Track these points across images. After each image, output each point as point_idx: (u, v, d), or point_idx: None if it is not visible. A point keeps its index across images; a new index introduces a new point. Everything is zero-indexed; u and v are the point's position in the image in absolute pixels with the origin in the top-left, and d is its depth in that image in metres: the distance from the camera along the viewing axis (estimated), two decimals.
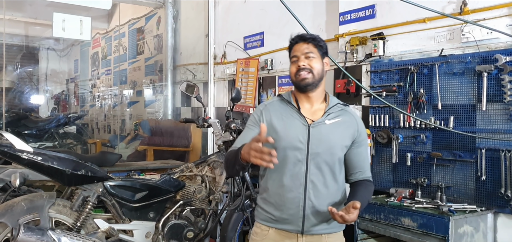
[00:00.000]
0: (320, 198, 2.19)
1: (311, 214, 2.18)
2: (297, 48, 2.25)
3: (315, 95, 2.27)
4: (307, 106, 2.28)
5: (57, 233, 3.07)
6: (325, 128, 2.22)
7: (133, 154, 6.57)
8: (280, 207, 2.21)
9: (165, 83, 6.93)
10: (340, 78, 4.03)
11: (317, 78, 2.23)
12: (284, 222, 2.22)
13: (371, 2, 3.81)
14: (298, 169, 2.19)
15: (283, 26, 4.79)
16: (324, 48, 2.28)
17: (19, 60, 8.75)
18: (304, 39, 2.25)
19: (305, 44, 2.23)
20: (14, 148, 3.18)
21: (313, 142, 2.19)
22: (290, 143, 2.19)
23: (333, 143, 2.21)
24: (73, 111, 9.14)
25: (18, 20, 8.15)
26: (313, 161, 2.19)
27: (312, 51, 2.23)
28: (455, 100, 3.20)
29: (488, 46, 3.04)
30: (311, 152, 2.18)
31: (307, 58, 2.22)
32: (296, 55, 2.24)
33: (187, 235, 3.63)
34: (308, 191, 2.18)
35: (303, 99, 2.28)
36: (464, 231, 2.86)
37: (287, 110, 2.27)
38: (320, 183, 2.20)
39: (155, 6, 7.12)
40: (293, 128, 2.21)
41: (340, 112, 2.28)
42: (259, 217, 2.32)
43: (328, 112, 2.25)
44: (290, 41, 2.30)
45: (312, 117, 2.25)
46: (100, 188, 3.42)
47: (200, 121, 3.94)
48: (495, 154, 2.98)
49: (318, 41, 2.26)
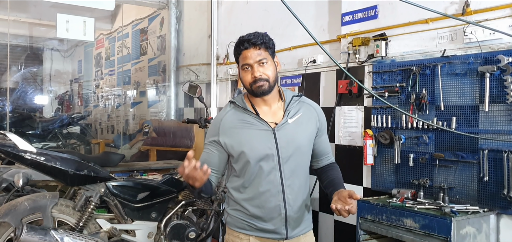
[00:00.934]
0: (297, 200, 2.17)
1: (292, 219, 2.15)
2: (247, 55, 2.13)
3: (271, 97, 2.19)
4: (265, 109, 2.19)
5: (59, 232, 3.09)
6: (289, 128, 2.15)
7: (136, 154, 6.58)
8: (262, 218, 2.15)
9: (168, 84, 6.94)
10: (342, 79, 4.03)
11: (273, 84, 2.15)
12: (267, 231, 2.16)
13: (373, 2, 3.81)
14: (273, 176, 2.12)
15: (285, 27, 4.79)
16: (273, 47, 2.19)
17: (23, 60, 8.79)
18: (255, 44, 2.14)
19: (256, 49, 2.13)
20: (18, 148, 3.20)
21: (281, 146, 2.12)
22: (260, 153, 2.11)
23: (301, 141, 2.16)
24: (76, 112, 9.17)
25: (22, 21, 8.19)
26: (286, 165, 2.13)
27: (265, 56, 2.13)
28: (457, 101, 3.20)
29: (490, 47, 3.03)
30: (282, 156, 2.12)
31: (261, 66, 2.12)
32: (248, 63, 2.13)
33: (189, 235, 3.64)
34: (286, 197, 2.13)
35: (259, 102, 2.19)
36: (467, 232, 2.86)
37: (245, 119, 2.16)
38: (296, 185, 2.16)
39: (159, 7, 7.13)
40: (258, 136, 2.12)
41: (298, 106, 2.22)
42: (235, 225, 2.22)
43: (287, 110, 2.18)
44: (238, 46, 2.17)
45: (273, 119, 2.17)
46: (102, 188, 3.43)
47: (203, 121, 3.95)
48: (498, 155, 2.98)
49: (267, 43, 2.16)
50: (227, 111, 2.23)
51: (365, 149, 3.69)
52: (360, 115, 3.90)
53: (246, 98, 2.23)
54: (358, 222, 3.32)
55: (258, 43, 2.14)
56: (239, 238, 2.21)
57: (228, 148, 2.16)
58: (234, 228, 2.23)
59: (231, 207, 2.25)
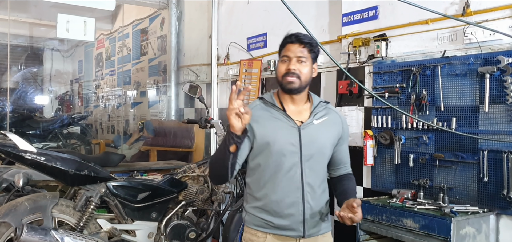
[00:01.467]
0: (316, 199, 2.18)
1: (309, 217, 2.16)
2: (291, 48, 2.18)
3: (300, 97, 2.23)
4: (292, 108, 2.23)
5: (60, 233, 3.09)
6: (314, 128, 2.19)
7: (136, 155, 6.59)
8: (279, 214, 2.16)
9: (169, 84, 6.94)
10: (343, 80, 4.04)
11: (304, 85, 2.18)
12: (284, 228, 2.17)
13: (373, 3, 3.81)
14: (293, 173, 2.15)
15: (286, 27, 4.76)
16: (317, 54, 2.23)
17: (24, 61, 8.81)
18: (301, 41, 2.18)
19: (301, 46, 2.17)
20: (18, 148, 3.20)
21: (305, 144, 2.15)
22: (282, 148, 2.14)
23: (323, 143, 2.19)
24: (77, 112, 9.18)
25: (23, 21, 8.20)
26: (307, 163, 2.15)
27: (306, 56, 2.17)
28: (457, 102, 3.20)
29: (490, 48, 3.03)
30: (304, 154, 2.15)
31: (299, 62, 2.16)
32: (288, 55, 2.18)
33: (190, 235, 3.64)
34: (305, 194, 2.15)
35: (287, 100, 2.23)
36: (466, 233, 2.86)
37: (272, 114, 2.20)
38: (316, 184, 2.18)
39: (159, 7, 7.14)
40: (283, 131, 2.16)
41: (325, 111, 2.26)
42: (252, 223, 2.22)
43: (314, 112, 2.22)
44: (286, 38, 2.22)
45: (299, 118, 2.20)
46: (103, 188, 3.44)
47: (203, 121, 3.95)
48: (498, 155, 2.98)
49: (313, 47, 2.19)
50: (256, 104, 2.27)
51: (365, 149, 3.70)
52: (360, 115, 3.90)
53: (276, 95, 2.27)
54: (358, 222, 3.33)
55: (304, 42, 2.18)
56: (256, 236, 2.22)
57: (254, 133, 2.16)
58: (251, 226, 2.24)
59: (249, 204, 2.26)
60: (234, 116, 1.92)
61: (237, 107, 1.89)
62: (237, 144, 1.99)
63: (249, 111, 1.94)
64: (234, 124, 1.93)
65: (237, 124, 1.93)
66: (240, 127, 1.94)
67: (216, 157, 2.12)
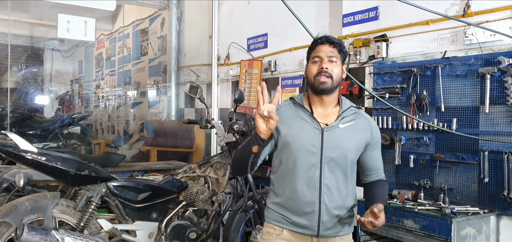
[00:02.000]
0: (334, 202, 2.18)
1: (326, 218, 2.17)
2: (321, 49, 2.19)
3: (330, 99, 2.23)
4: (320, 110, 2.24)
5: (60, 233, 3.09)
6: (339, 132, 2.18)
7: (136, 155, 6.59)
8: (296, 212, 2.19)
9: (169, 84, 6.95)
10: (343, 80, 4.03)
11: (335, 85, 2.20)
12: (300, 225, 2.20)
13: (374, 4, 3.81)
14: (312, 173, 2.16)
15: (286, 28, 4.80)
16: (346, 55, 2.26)
17: (24, 61, 8.81)
18: (331, 42, 2.20)
19: (331, 47, 2.19)
20: (19, 148, 3.20)
21: (326, 146, 2.15)
22: (303, 147, 2.16)
23: (346, 147, 2.18)
24: (77, 112, 9.18)
25: (23, 21, 8.20)
26: (327, 165, 2.16)
27: (336, 56, 2.18)
28: (458, 103, 3.20)
29: (491, 49, 3.03)
30: (325, 156, 2.15)
31: (330, 62, 2.17)
32: (319, 55, 2.19)
33: (190, 235, 3.64)
34: (323, 195, 2.16)
35: (316, 102, 2.24)
36: (467, 233, 2.86)
37: (299, 114, 2.23)
38: (334, 187, 2.18)
39: (159, 7, 7.14)
40: (306, 132, 2.18)
41: (353, 116, 2.25)
42: (271, 218, 2.29)
43: (341, 116, 2.22)
44: (316, 40, 2.24)
45: (325, 121, 2.21)
46: (103, 189, 3.43)
47: (204, 122, 3.94)
48: (498, 156, 2.98)
49: (343, 47, 2.22)
50: (285, 105, 2.31)
51: None
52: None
53: (305, 98, 2.29)
54: (358, 223, 3.32)
55: (334, 42, 2.20)
56: (273, 229, 2.27)
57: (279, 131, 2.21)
58: (270, 221, 2.29)
59: (270, 199, 2.32)
60: (259, 118, 1.96)
61: (262, 110, 1.93)
62: (259, 146, 2.03)
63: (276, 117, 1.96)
64: (259, 126, 1.98)
65: (261, 126, 1.98)
66: (264, 129, 1.98)
67: (240, 151, 2.18)
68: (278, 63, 5.00)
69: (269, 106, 1.95)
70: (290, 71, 4.80)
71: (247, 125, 3.76)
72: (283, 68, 4.94)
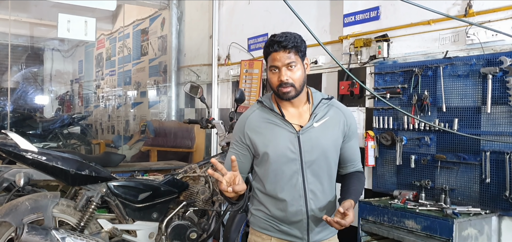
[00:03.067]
0: (321, 206, 2.13)
1: (314, 224, 2.13)
2: (276, 57, 2.06)
3: (298, 100, 2.14)
4: (292, 111, 2.16)
5: (60, 232, 3.08)
6: (315, 131, 2.11)
7: (136, 155, 6.58)
8: (284, 221, 2.14)
9: (169, 84, 6.94)
10: (344, 80, 4.03)
11: (300, 90, 2.10)
12: (289, 234, 2.15)
13: (375, 3, 3.80)
14: (295, 180, 2.10)
15: (287, 28, 4.74)
16: (304, 50, 2.13)
17: (24, 60, 8.80)
18: (285, 47, 2.06)
19: (287, 53, 2.06)
20: (19, 148, 3.19)
21: (305, 150, 2.09)
22: (282, 155, 2.09)
23: (326, 146, 2.12)
24: (77, 112, 9.18)
25: (23, 21, 8.19)
26: (309, 169, 2.10)
27: (294, 60, 2.06)
28: (459, 103, 3.19)
29: (493, 49, 3.03)
30: (305, 160, 2.09)
31: (289, 70, 2.06)
32: (276, 65, 2.07)
33: (190, 235, 3.63)
34: (309, 201, 2.10)
35: (286, 104, 2.15)
36: (468, 234, 2.85)
37: (270, 119, 2.14)
38: (319, 191, 2.13)
39: (160, 7, 7.13)
40: (281, 139, 2.10)
41: (326, 109, 2.17)
42: (257, 225, 2.22)
43: (314, 113, 2.14)
44: (268, 48, 2.10)
45: (299, 122, 2.13)
46: (103, 188, 3.43)
47: (204, 121, 3.94)
48: (500, 157, 2.97)
49: (299, 46, 2.08)
50: (254, 111, 2.21)
51: (367, 150, 3.69)
52: (362, 116, 3.90)
53: (274, 98, 2.20)
54: (360, 223, 3.32)
55: (289, 46, 2.06)
56: (261, 238, 2.20)
57: (253, 145, 2.15)
58: (256, 228, 2.22)
59: (254, 206, 2.25)
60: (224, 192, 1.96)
61: (224, 187, 1.92)
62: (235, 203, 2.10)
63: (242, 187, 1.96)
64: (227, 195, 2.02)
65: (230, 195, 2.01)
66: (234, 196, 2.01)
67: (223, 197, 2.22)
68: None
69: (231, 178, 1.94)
70: None
71: None
72: None
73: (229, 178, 1.93)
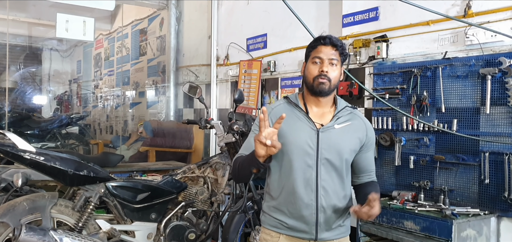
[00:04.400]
0: (331, 203, 2.16)
1: (323, 221, 2.15)
2: (323, 50, 2.16)
3: (326, 100, 2.21)
4: (316, 110, 2.21)
5: (59, 233, 3.07)
6: (334, 132, 2.17)
7: (135, 155, 6.57)
8: (293, 215, 2.16)
9: (168, 85, 6.93)
10: (343, 81, 4.02)
11: (333, 88, 2.18)
12: (297, 230, 2.17)
13: (374, 4, 3.80)
14: (309, 174, 2.14)
15: (286, 28, 4.79)
16: (346, 57, 2.23)
17: (22, 60, 8.78)
18: (334, 44, 2.16)
19: (333, 49, 2.16)
20: (17, 148, 3.18)
21: (322, 147, 2.14)
22: (299, 148, 2.14)
23: (342, 147, 2.16)
24: (75, 112, 9.16)
25: (22, 21, 8.17)
26: (323, 166, 2.14)
27: (337, 58, 2.16)
28: (458, 103, 3.19)
29: (492, 49, 3.02)
30: (321, 157, 2.13)
31: (331, 65, 2.15)
32: (320, 57, 2.15)
33: (189, 236, 3.62)
34: (320, 197, 2.14)
35: (311, 102, 2.22)
36: (467, 235, 2.85)
37: (294, 114, 2.21)
38: (331, 188, 2.16)
39: (158, 7, 7.12)
40: (302, 132, 2.15)
41: (349, 116, 2.23)
42: (267, 223, 2.26)
43: (337, 116, 2.20)
44: (318, 39, 2.20)
45: (321, 121, 2.19)
46: (102, 189, 3.42)
47: (203, 122, 3.93)
48: (499, 158, 2.97)
49: (344, 49, 2.20)
50: (279, 104, 2.28)
51: None
52: None
53: (300, 97, 2.26)
54: (358, 224, 3.32)
55: (337, 44, 2.17)
56: (270, 236, 2.24)
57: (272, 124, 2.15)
58: (266, 227, 2.27)
59: (266, 202, 2.28)
60: (258, 144, 1.91)
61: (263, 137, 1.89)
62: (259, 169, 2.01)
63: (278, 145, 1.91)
64: (258, 152, 1.93)
65: (260, 152, 1.93)
66: (263, 155, 1.94)
67: (239, 165, 2.15)
68: (277, 64, 4.98)
69: (270, 133, 1.90)
70: (289, 71, 4.78)
71: (246, 125, 3.75)
72: (283, 68, 4.93)
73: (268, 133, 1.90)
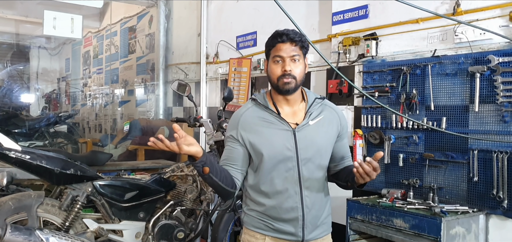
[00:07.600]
0: (316, 203, 2.14)
1: (309, 222, 2.13)
2: (282, 48, 2.09)
3: (294, 97, 2.16)
4: (287, 109, 2.16)
5: (45, 233, 3.02)
6: (310, 129, 2.13)
7: (124, 154, 6.52)
8: (279, 219, 2.12)
9: (157, 83, 6.89)
10: (333, 79, 4.02)
11: (299, 84, 2.13)
12: (284, 232, 2.13)
13: (364, 2, 3.80)
14: (291, 177, 2.10)
15: (276, 26, 4.72)
16: (307, 48, 2.17)
17: (10, 58, 8.68)
18: (292, 39, 2.09)
19: (293, 45, 2.09)
20: (2, 146, 3.13)
21: (301, 148, 2.09)
22: (279, 153, 2.08)
23: (320, 143, 2.14)
24: (64, 111, 9.07)
25: (9, 18, 8.09)
26: (304, 166, 2.10)
27: (298, 53, 2.10)
28: (447, 101, 3.19)
29: (481, 47, 3.03)
30: (301, 158, 2.09)
31: (293, 62, 2.09)
32: (281, 55, 2.09)
33: (178, 235, 3.60)
34: (304, 198, 2.11)
35: (281, 101, 2.16)
36: (456, 232, 2.85)
37: (265, 117, 2.13)
38: (314, 187, 2.14)
39: (148, 5, 7.07)
40: (277, 138, 2.09)
41: (320, 108, 2.19)
42: (251, 224, 2.19)
43: (309, 112, 2.16)
44: (275, 37, 2.12)
45: (294, 120, 2.14)
46: (89, 188, 3.38)
47: (192, 120, 3.90)
48: (487, 155, 2.98)
49: (304, 42, 2.13)
50: (248, 108, 2.20)
51: (355, 149, 3.68)
52: (350, 115, 3.89)
53: (268, 96, 2.19)
54: (348, 222, 3.31)
55: (295, 39, 2.09)
56: (255, 238, 2.18)
57: (247, 144, 2.12)
58: (250, 228, 2.20)
59: (247, 206, 2.22)
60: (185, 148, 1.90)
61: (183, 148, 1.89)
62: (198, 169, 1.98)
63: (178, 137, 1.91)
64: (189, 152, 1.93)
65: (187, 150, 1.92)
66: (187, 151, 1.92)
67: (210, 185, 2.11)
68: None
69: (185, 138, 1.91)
70: None
71: None
72: None
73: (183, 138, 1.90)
